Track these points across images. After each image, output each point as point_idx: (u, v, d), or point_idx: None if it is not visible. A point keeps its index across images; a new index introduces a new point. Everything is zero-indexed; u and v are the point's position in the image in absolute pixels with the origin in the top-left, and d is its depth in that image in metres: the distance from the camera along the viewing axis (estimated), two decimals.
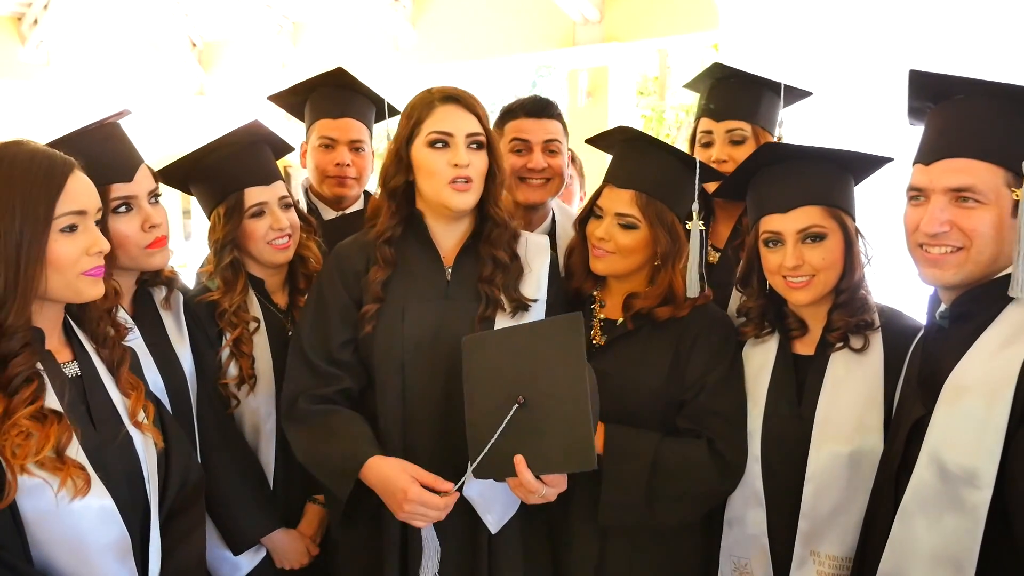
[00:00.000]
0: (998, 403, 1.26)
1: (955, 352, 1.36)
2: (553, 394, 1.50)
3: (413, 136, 1.72)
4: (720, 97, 2.11)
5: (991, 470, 1.26)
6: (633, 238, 1.76)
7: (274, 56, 8.85)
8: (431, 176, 1.70)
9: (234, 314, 1.91)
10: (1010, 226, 1.33)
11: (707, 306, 1.82)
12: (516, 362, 1.54)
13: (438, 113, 1.70)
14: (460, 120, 1.70)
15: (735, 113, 2.07)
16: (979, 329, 1.34)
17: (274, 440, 1.95)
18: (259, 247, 1.94)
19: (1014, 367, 1.25)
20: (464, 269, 1.77)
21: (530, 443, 1.51)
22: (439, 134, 1.69)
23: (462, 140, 1.69)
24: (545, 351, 1.52)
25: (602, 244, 1.79)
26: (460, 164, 1.68)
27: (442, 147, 1.69)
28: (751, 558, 1.72)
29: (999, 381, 1.27)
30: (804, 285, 1.65)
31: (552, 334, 1.53)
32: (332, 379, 1.74)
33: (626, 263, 1.79)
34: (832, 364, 1.67)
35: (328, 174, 2.40)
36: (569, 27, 6.95)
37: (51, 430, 1.26)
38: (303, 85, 2.46)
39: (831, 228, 1.64)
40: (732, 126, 2.06)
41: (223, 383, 1.91)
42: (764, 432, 1.71)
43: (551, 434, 1.50)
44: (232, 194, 1.92)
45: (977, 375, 1.31)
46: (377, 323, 1.73)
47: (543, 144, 2.21)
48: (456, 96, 1.72)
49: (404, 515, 1.57)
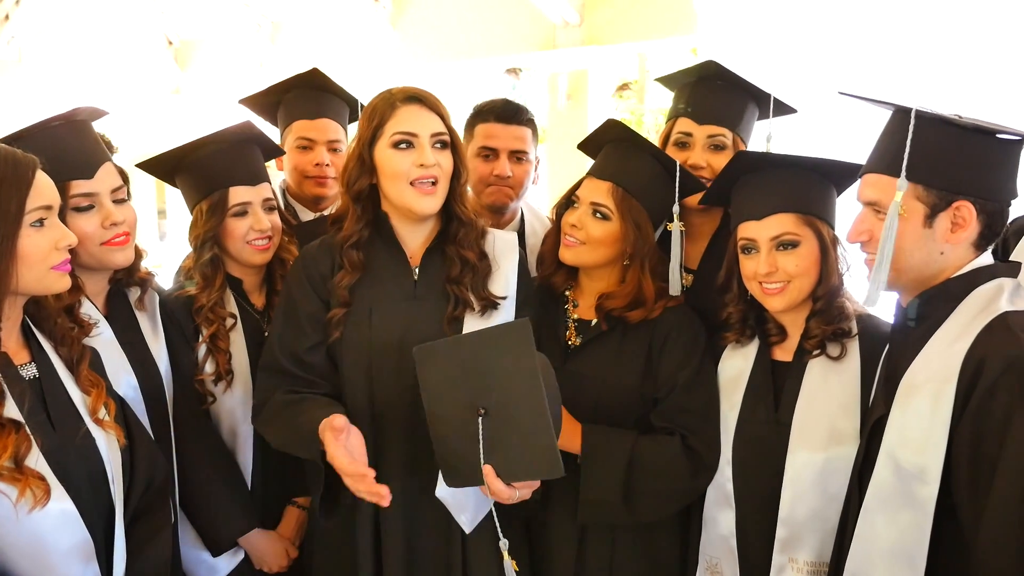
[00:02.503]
0: (943, 399, 1.29)
1: (912, 352, 1.40)
2: (511, 404, 1.48)
3: (376, 138, 1.70)
4: (704, 99, 2.00)
5: (937, 465, 1.29)
6: (604, 229, 1.78)
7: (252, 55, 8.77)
8: (395, 178, 1.68)
9: (211, 310, 1.91)
10: (920, 235, 1.38)
11: (678, 306, 1.84)
12: (470, 372, 1.51)
13: (401, 114, 1.68)
14: (424, 120, 1.68)
15: (719, 119, 1.98)
16: (932, 329, 1.38)
17: (251, 442, 1.95)
18: (238, 247, 1.94)
19: (956, 363, 1.29)
20: (431, 269, 1.77)
21: (496, 452, 1.50)
22: (403, 135, 1.67)
23: (427, 140, 1.67)
24: (497, 359, 1.49)
25: (573, 232, 1.80)
26: (426, 164, 1.66)
27: (406, 148, 1.67)
28: (721, 558, 1.75)
29: (943, 378, 1.30)
30: (778, 291, 1.67)
31: (502, 341, 1.50)
32: (304, 383, 1.74)
33: (594, 255, 1.80)
34: (809, 371, 1.69)
35: (307, 174, 2.39)
36: (549, 30, 6.96)
37: (9, 440, 1.25)
38: (277, 87, 2.46)
39: (805, 235, 1.66)
40: (714, 131, 1.98)
41: (199, 379, 1.90)
42: (739, 436, 1.73)
43: (515, 444, 1.49)
44: (217, 191, 1.91)
45: (926, 373, 1.35)
46: (345, 326, 1.72)
47: (510, 152, 2.21)
48: (419, 96, 1.70)
49: None
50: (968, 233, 1.37)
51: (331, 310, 1.73)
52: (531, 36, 7.07)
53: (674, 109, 2.07)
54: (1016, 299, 1.35)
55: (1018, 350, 1.24)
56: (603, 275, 1.85)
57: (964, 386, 1.28)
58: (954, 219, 1.36)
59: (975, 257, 1.39)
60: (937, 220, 1.37)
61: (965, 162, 1.35)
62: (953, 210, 1.36)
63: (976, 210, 1.35)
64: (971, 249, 1.39)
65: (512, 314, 1.79)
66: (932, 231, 1.37)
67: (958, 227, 1.36)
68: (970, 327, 1.32)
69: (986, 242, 1.39)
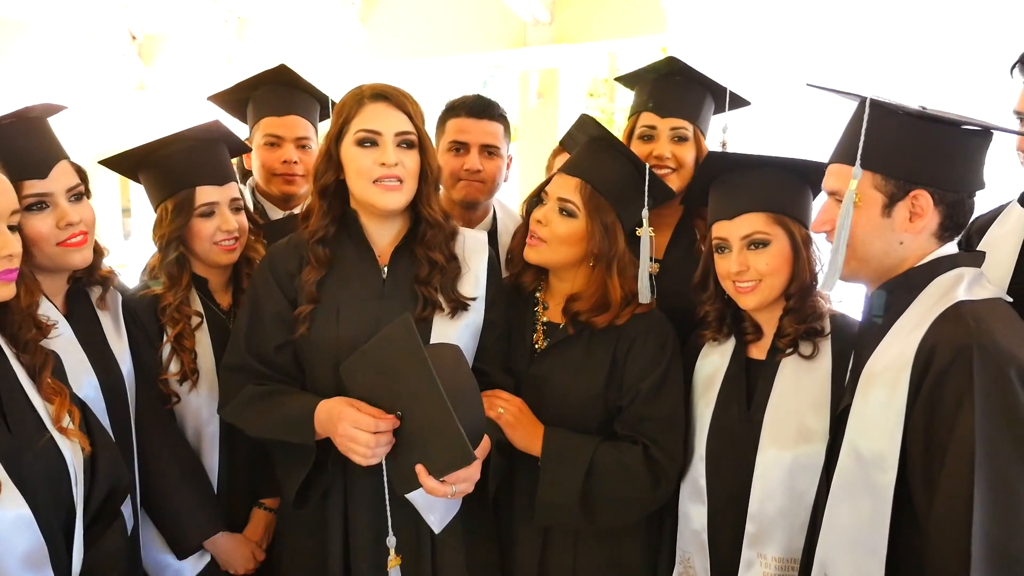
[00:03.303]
0: (898, 387, 1.31)
1: (875, 342, 1.42)
2: (417, 400, 1.50)
3: (342, 134, 1.69)
4: (667, 93, 2.08)
5: (895, 452, 1.30)
6: (569, 228, 1.76)
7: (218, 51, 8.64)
8: (358, 175, 1.67)
9: (176, 309, 1.88)
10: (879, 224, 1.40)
11: (648, 312, 1.83)
12: (379, 378, 1.55)
13: (367, 111, 1.67)
14: (389, 118, 1.67)
15: (680, 112, 2.06)
16: (894, 319, 1.40)
17: (217, 443, 1.92)
18: (205, 247, 1.91)
19: (911, 351, 1.30)
20: (400, 268, 1.76)
21: (421, 450, 1.53)
22: (367, 132, 1.66)
23: (390, 139, 1.66)
24: (393, 360, 1.52)
25: (538, 228, 1.78)
26: (387, 163, 1.65)
27: (370, 146, 1.66)
28: (693, 553, 1.76)
29: (899, 366, 1.32)
30: (750, 290, 1.68)
31: (391, 342, 1.53)
32: (272, 381, 1.73)
33: (556, 255, 1.79)
34: (782, 369, 1.70)
35: (275, 172, 2.37)
36: (520, 28, 6.96)
37: None
38: (245, 84, 2.42)
39: (775, 235, 1.67)
40: (676, 124, 2.05)
41: (163, 379, 1.87)
42: (712, 432, 1.74)
43: (431, 438, 1.51)
44: (183, 190, 1.88)
45: (884, 362, 1.36)
46: (312, 324, 1.71)
47: (481, 147, 2.20)
48: (385, 94, 1.69)
49: (339, 438, 1.55)
50: (926, 223, 1.38)
51: (297, 307, 1.72)
52: (501, 34, 7.07)
53: (636, 104, 2.14)
54: (975, 288, 1.36)
55: (968, 339, 1.25)
56: (571, 276, 1.84)
57: (917, 375, 1.29)
58: (912, 208, 1.37)
59: (935, 247, 1.41)
60: (895, 209, 1.38)
61: (922, 152, 1.36)
62: (911, 199, 1.37)
63: (934, 200, 1.37)
64: (932, 240, 1.40)
65: (481, 313, 1.78)
66: (891, 220, 1.39)
67: (916, 216, 1.37)
68: (926, 316, 1.34)
69: (949, 233, 1.40)
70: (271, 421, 1.68)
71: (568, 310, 1.81)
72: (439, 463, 1.52)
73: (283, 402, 1.68)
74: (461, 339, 1.74)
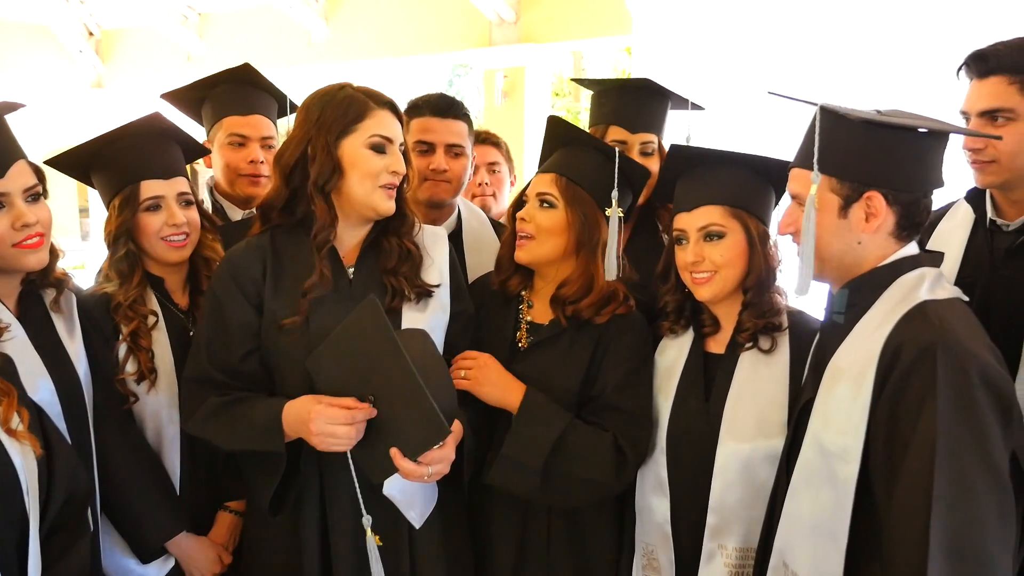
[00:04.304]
0: (863, 383, 1.34)
1: (839, 339, 1.45)
2: (388, 381, 1.52)
3: (347, 132, 1.67)
4: (636, 108, 2.14)
5: (858, 445, 1.34)
6: (551, 218, 1.81)
7: (179, 48, 8.50)
8: (367, 178, 1.67)
9: (129, 307, 1.85)
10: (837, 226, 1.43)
11: (628, 314, 1.86)
12: (350, 365, 1.56)
13: (381, 116, 1.69)
14: (396, 127, 1.71)
15: (650, 127, 2.13)
16: (858, 317, 1.44)
17: (178, 445, 1.89)
18: (152, 242, 1.88)
19: (876, 349, 1.34)
20: (366, 266, 1.76)
21: (395, 433, 1.54)
22: (383, 139, 1.68)
23: (397, 147, 1.71)
24: (362, 343, 1.53)
25: (523, 227, 1.83)
26: (398, 171, 1.69)
27: (381, 152, 1.68)
28: (657, 545, 1.78)
29: (865, 363, 1.35)
30: (705, 281, 1.72)
31: (359, 325, 1.54)
32: (235, 392, 1.71)
33: (545, 248, 1.82)
34: (741, 364, 1.73)
35: (241, 172, 2.33)
36: (485, 27, 6.96)
37: None
38: (203, 82, 2.38)
39: (731, 228, 1.71)
40: (646, 138, 2.12)
41: (120, 378, 1.84)
42: (672, 425, 1.77)
43: (405, 418, 1.52)
44: (128, 186, 1.86)
45: (849, 359, 1.40)
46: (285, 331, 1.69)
47: (447, 146, 2.20)
48: (393, 104, 1.73)
49: (316, 438, 1.55)
50: (882, 223, 1.42)
51: (265, 314, 1.70)
52: (467, 33, 7.06)
53: (602, 116, 2.18)
54: (936, 288, 1.40)
55: (932, 338, 1.29)
56: (557, 275, 1.87)
57: (882, 371, 1.33)
58: (867, 209, 1.41)
59: (896, 247, 1.44)
60: (851, 211, 1.42)
61: (874, 155, 1.40)
62: (865, 201, 1.41)
63: (887, 200, 1.41)
64: (890, 239, 1.44)
65: (447, 302, 1.80)
66: (848, 221, 1.42)
67: (871, 217, 1.41)
68: (891, 315, 1.37)
69: (907, 232, 1.44)
70: (238, 432, 1.66)
71: (557, 298, 1.84)
72: (414, 442, 1.52)
73: (248, 410, 1.66)
74: (432, 332, 1.74)
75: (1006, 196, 1.78)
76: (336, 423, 1.52)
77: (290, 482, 1.68)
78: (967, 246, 1.83)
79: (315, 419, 1.53)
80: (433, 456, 1.54)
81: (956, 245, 1.84)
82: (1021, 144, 1.67)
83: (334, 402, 1.54)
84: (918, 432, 1.26)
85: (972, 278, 1.77)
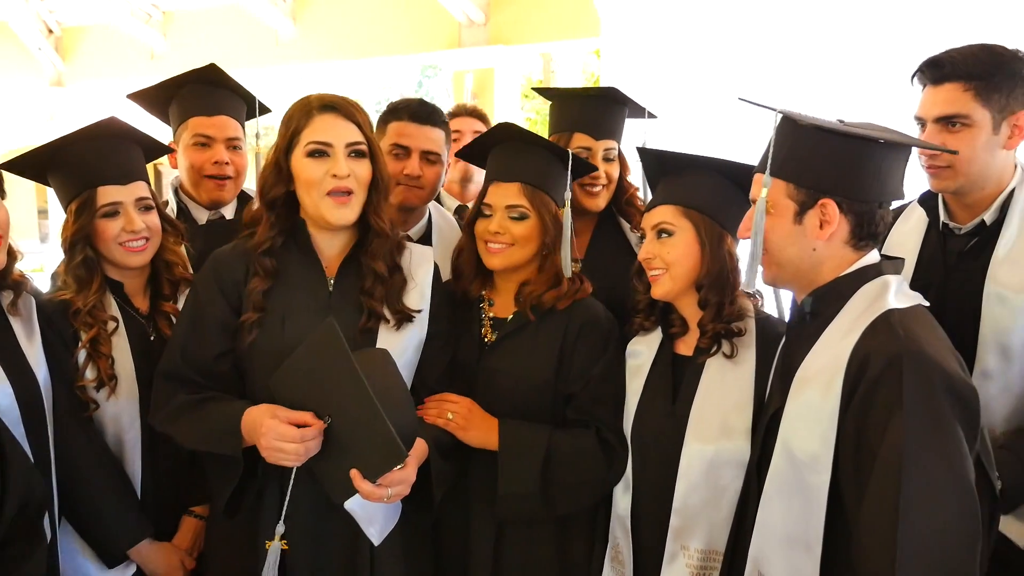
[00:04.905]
0: (831, 391, 1.36)
1: (805, 348, 1.47)
2: (346, 404, 1.52)
3: (292, 146, 1.69)
4: (599, 115, 2.19)
5: (828, 454, 1.36)
6: (525, 227, 1.84)
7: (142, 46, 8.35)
8: (310, 187, 1.67)
9: (89, 313, 1.82)
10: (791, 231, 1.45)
11: (589, 301, 1.90)
12: (308, 386, 1.56)
13: (316, 122, 1.67)
14: (339, 129, 1.68)
15: (612, 133, 2.20)
16: (824, 325, 1.45)
17: (139, 450, 1.87)
18: (110, 248, 1.86)
19: (844, 358, 1.36)
20: (347, 280, 1.75)
21: (354, 455, 1.53)
22: (318, 144, 1.66)
23: (341, 150, 1.67)
24: (320, 367, 1.53)
25: (497, 238, 1.84)
26: (339, 175, 1.66)
27: (321, 157, 1.67)
28: (620, 539, 1.81)
29: (832, 372, 1.37)
30: (657, 278, 1.77)
31: (317, 348, 1.54)
32: (205, 391, 1.70)
33: (521, 253, 1.86)
34: (708, 368, 1.76)
35: (205, 173, 2.30)
36: (454, 28, 6.96)
37: None
38: (170, 82, 2.35)
39: (682, 226, 1.75)
40: (608, 144, 2.18)
41: (80, 385, 1.81)
42: (638, 425, 1.80)
43: (363, 440, 1.53)
44: (85, 191, 1.83)
45: (816, 367, 1.42)
46: (258, 333, 1.69)
47: (422, 152, 2.20)
48: (335, 104, 1.69)
49: (265, 451, 1.55)
50: (835, 230, 1.44)
51: (242, 316, 1.70)
52: (436, 34, 7.05)
53: (564, 123, 2.22)
54: (900, 296, 1.42)
55: (898, 349, 1.31)
56: (519, 273, 1.90)
57: (850, 380, 1.34)
58: (821, 216, 1.43)
59: (855, 256, 1.46)
60: (806, 217, 1.44)
61: (830, 163, 1.42)
62: (820, 208, 1.43)
63: (841, 209, 1.43)
64: (846, 248, 1.46)
65: (425, 321, 1.79)
66: (803, 227, 1.44)
67: (825, 224, 1.43)
68: (857, 323, 1.39)
69: (863, 242, 1.46)
70: (200, 431, 1.66)
71: (522, 295, 1.87)
72: (372, 464, 1.52)
73: (212, 411, 1.66)
74: (405, 351, 1.75)
75: (959, 200, 1.82)
76: (284, 440, 1.51)
77: (248, 485, 1.68)
78: (921, 249, 1.88)
79: (265, 433, 1.53)
80: (393, 478, 1.54)
81: (911, 248, 1.88)
82: (975, 150, 1.72)
83: (288, 417, 1.54)
84: (886, 442, 1.28)
85: (927, 280, 1.82)
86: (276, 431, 1.52)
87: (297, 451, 1.52)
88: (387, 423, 1.48)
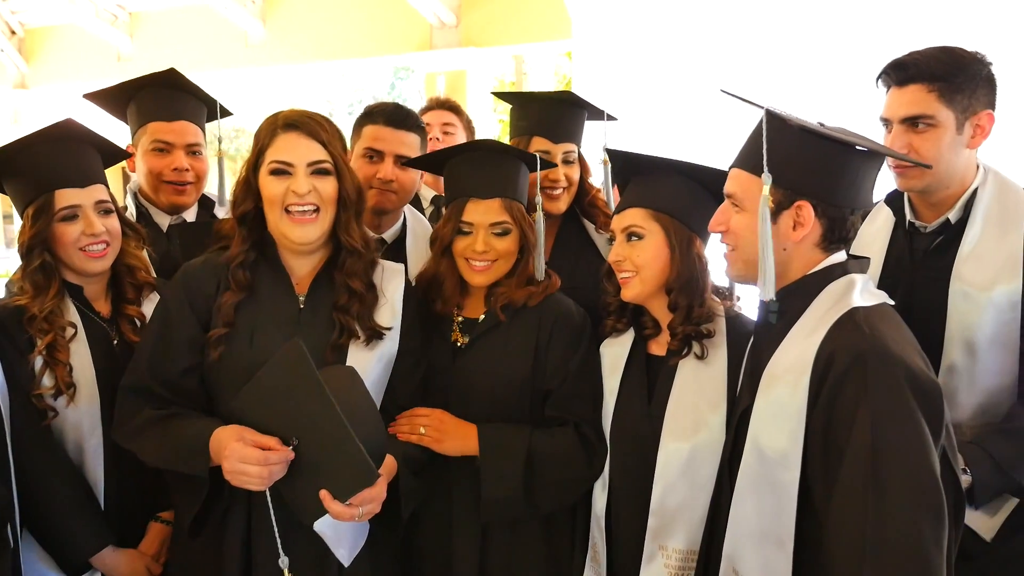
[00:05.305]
0: (799, 388, 1.37)
1: (773, 345, 1.48)
2: (314, 424, 1.49)
3: (259, 163, 1.69)
4: (558, 118, 2.22)
5: (797, 451, 1.37)
6: (509, 241, 1.86)
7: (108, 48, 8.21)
8: (271, 204, 1.68)
9: (45, 319, 1.78)
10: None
11: (559, 297, 1.91)
12: (273, 408, 1.53)
13: (279, 141, 1.67)
14: (300, 148, 1.67)
15: (571, 137, 2.23)
16: (791, 323, 1.46)
17: (101, 457, 1.84)
18: (70, 253, 1.82)
19: (810, 355, 1.37)
20: (319, 296, 1.74)
21: (324, 475, 1.51)
22: (278, 163, 1.67)
23: (302, 169, 1.67)
24: (286, 386, 1.51)
25: (483, 256, 1.84)
26: (298, 192, 1.65)
27: (282, 176, 1.67)
28: (597, 539, 1.82)
29: (799, 369, 1.38)
30: (627, 280, 1.78)
31: (283, 368, 1.52)
32: (171, 406, 1.68)
33: (505, 267, 1.88)
34: (681, 367, 1.77)
35: (164, 179, 2.27)
36: (426, 30, 6.94)
37: None
38: (129, 84, 2.31)
39: (651, 230, 1.76)
40: (568, 148, 2.21)
41: (37, 393, 1.77)
42: (616, 426, 1.81)
43: (332, 461, 1.50)
44: (42, 195, 1.79)
45: (784, 365, 1.43)
46: (225, 348, 1.68)
47: (395, 156, 2.18)
48: (296, 123, 1.68)
49: (228, 474, 1.52)
50: (808, 233, 1.45)
51: (210, 330, 1.68)
52: (407, 36, 7.02)
53: (525, 127, 2.25)
54: (865, 294, 1.43)
55: (863, 346, 1.32)
56: None
57: (816, 378, 1.36)
58: (796, 218, 1.44)
59: (822, 256, 1.47)
60: (781, 217, 1.44)
61: (811, 165, 1.43)
62: (795, 209, 1.44)
63: (816, 212, 1.44)
64: (815, 250, 1.47)
65: (396, 337, 1.78)
66: (776, 227, 1.44)
67: (799, 226, 1.44)
68: (823, 321, 1.40)
69: (832, 245, 1.47)
70: (165, 449, 1.64)
71: (494, 295, 1.87)
72: (343, 485, 1.50)
73: (179, 428, 1.63)
74: (375, 368, 1.74)
75: (924, 199, 1.85)
76: (247, 462, 1.49)
77: (213, 505, 1.66)
78: (888, 247, 1.90)
79: (228, 456, 1.51)
80: (364, 497, 1.53)
81: (879, 248, 1.90)
82: (940, 150, 1.74)
83: (253, 441, 1.51)
84: (852, 437, 1.29)
85: (894, 278, 1.84)
86: (239, 453, 1.50)
87: (260, 474, 1.49)
88: (357, 443, 1.45)
